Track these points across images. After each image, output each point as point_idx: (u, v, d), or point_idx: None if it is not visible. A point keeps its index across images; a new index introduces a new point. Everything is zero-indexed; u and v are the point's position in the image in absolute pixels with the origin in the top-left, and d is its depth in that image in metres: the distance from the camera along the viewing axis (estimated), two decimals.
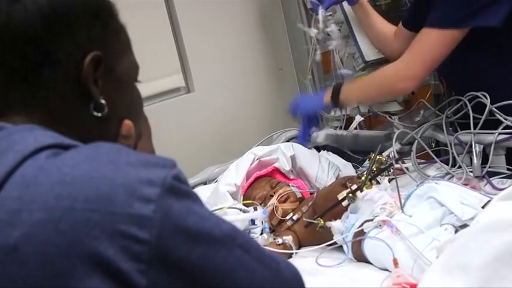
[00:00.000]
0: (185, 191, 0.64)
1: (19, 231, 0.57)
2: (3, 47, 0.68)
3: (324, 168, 1.88)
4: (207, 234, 0.63)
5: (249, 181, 1.80)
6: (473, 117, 1.71)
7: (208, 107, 2.35)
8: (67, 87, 0.69)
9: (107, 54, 0.72)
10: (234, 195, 1.74)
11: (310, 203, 1.59)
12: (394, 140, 1.88)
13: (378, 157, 1.56)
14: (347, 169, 1.97)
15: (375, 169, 1.53)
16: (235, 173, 1.81)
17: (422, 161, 1.85)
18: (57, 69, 0.69)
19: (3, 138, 0.64)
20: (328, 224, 1.45)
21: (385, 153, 1.84)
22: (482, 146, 1.66)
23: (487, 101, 1.70)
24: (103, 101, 0.72)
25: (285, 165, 1.86)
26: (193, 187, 1.98)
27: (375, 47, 2.12)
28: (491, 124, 1.69)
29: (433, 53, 1.69)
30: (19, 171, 0.60)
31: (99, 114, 0.72)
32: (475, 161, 1.65)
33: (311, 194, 1.70)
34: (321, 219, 1.46)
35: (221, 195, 1.71)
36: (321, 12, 2.01)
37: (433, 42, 1.68)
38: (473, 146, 1.66)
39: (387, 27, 2.04)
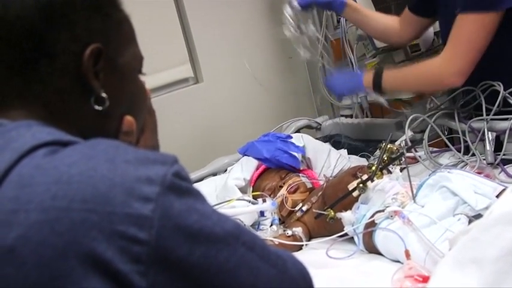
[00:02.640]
0: (186, 189, 0.62)
1: (16, 233, 0.55)
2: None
3: (330, 164, 1.85)
4: (208, 233, 0.61)
5: (258, 172, 1.78)
6: (486, 107, 1.68)
7: (217, 97, 2.34)
8: (66, 81, 0.68)
9: (108, 46, 0.70)
10: (243, 189, 1.72)
11: (320, 193, 1.57)
12: (406, 128, 1.86)
13: (388, 146, 1.54)
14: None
15: (385, 158, 1.51)
16: (245, 167, 1.79)
17: (435, 149, 1.82)
18: (55, 62, 0.67)
19: (0, 136, 0.63)
20: (339, 215, 1.43)
21: (396, 142, 1.82)
22: (495, 134, 1.63)
23: (500, 88, 1.66)
24: (104, 95, 0.70)
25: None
26: (203, 178, 1.97)
27: (378, 40, 2.08)
28: (505, 113, 1.66)
29: (475, 43, 1.59)
30: (16, 170, 0.59)
31: (100, 108, 0.70)
32: (487, 147, 1.62)
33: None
34: (331, 211, 1.44)
35: (230, 189, 1.70)
36: (288, 10, 1.95)
37: (472, 31, 1.59)
38: (485, 133, 1.63)
39: (387, 19, 2.00)
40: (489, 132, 1.63)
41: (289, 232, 1.52)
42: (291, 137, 1.87)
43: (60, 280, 0.55)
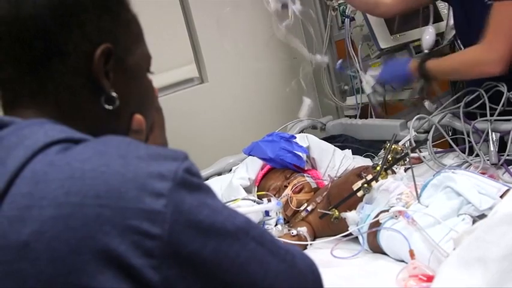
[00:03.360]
0: (197, 184, 0.63)
1: (30, 228, 0.56)
2: (12, 39, 0.67)
3: (334, 164, 1.85)
4: (219, 228, 0.62)
5: (263, 171, 1.79)
6: (490, 107, 1.69)
7: (221, 97, 2.34)
8: (76, 80, 0.69)
9: (117, 46, 0.71)
10: (248, 189, 1.73)
11: (325, 193, 1.58)
12: (410, 129, 1.86)
13: (393, 146, 1.54)
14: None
15: (390, 159, 1.51)
16: (250, 166, 1.80)
17: (439, 149, 1.82)
18: (66, 61, 0.68)
19: (13, 133, 0.64)
20: (343, 215, 1.44)
21: (400, 142, 1.82)
22: (498, 134, 1.64)
23: (504, 89, 1.67)
24: (114, 94, 0.71)
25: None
26: (208, 178, 1.97)
27: (363, 11, 2.10)
28: (510, 113, 1.67)
29: None
30: (29, 166, 0.60)
31: (111, 107, 0.71)
32: (491, 148, 1.62)
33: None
34: (336, 210, 1.45)
35: (235, 189, 1.71)
36: None
37: (510, 17, 1.60)
38: (489, 134, 1.64)
39: None
40: (493, 133, 1.64)
41: (294, 232, 1.52)
42: (295, 137, 1.88)
43: (74, 274, 0.55)
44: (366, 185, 1.45)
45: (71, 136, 0.64)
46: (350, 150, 2.03)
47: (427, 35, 2.03)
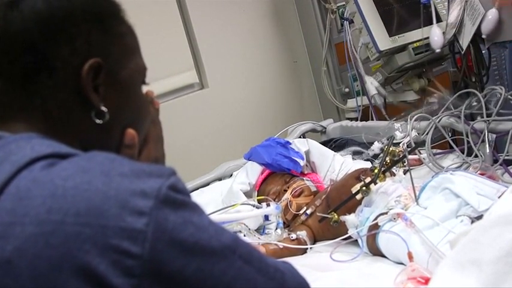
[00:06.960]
0: (182, 201, 0.62)
1: (12, 245, 0.57)
2: (0, 53, 0.67)
3: (334, 169, 1.85)
4: (204, 246, 0.61)
5: (263, 176, 1.79)
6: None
7: (222, 102, 2.35)
8: (66, 95, 0.68)
9: (108, 60, 0.70)
10: (248, 194, 1.73)
11: (324, 196, 1.58)
12: (409, 130, 1.86)
13: (391, 149, 1.54)
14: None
15: (388, 161, 1.51)
16: (250, 171, 1.80)
17: (439, 151, 1.82)
18: (55, 76, 0.68)
19: (0, 148, 0.64)
20: (342, 218, 1.44)
21: (401, 142, 1.82)
22: (494, 135, 1.63)
23: (502, 91, 1.67)
24: (104, 109, 0.70)
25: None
26: (208, 183, 1.98)
27: None
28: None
29: None
30: (14, 182, 0.60)
31: (101, 122, 0.70)
32: (486, 148, 1.62)
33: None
34: (335, 214, 1.45)
35: (235, 194, 1.71)
36: None
37: None
38: (486, 134, 1.63)
39: None
40: (489, 134, 1.64)
41: (294, 236, 1.52)
42: (290, 143, 1.88)
43: None
44: (364, 188, 1.44)
45: (58, 151, 0.64)
46: (350, 156, 2.03)
47: (435, 36, 2.02)
